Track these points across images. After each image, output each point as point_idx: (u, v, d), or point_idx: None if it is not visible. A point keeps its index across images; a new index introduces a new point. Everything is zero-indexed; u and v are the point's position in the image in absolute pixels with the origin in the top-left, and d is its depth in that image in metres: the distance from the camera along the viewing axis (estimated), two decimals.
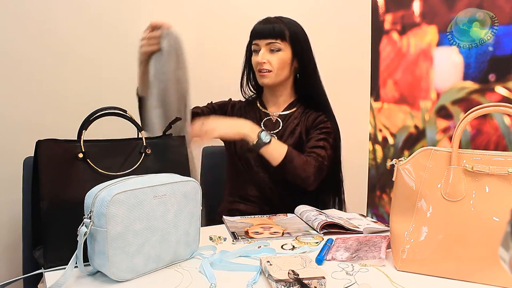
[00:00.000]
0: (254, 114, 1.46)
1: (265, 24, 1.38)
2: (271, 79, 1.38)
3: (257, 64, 1.38)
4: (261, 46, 1.37)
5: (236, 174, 1.44)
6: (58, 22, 1.54)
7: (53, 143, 0.86)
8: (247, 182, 1.41)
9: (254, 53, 1.40)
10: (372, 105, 1.65)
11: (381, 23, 1.49)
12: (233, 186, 1.46)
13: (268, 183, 1.38)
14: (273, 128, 1.43)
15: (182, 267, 0.88)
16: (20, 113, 1.50)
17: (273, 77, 1.38)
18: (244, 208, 1.38)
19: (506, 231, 0.38)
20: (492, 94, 1.30)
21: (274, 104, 1.47)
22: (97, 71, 1.62)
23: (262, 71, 1.37)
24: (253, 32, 1.40)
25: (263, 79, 1.39)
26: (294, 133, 1.40)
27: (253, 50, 1.40)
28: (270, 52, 1.36)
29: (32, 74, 1.51)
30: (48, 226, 0.84)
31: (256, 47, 1.39)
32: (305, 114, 1.43)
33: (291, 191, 1.38)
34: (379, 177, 1.47)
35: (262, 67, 1.37)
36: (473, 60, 1.32)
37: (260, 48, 1.37)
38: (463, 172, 0.85)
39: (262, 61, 1.36)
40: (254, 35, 1.40)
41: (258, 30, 1.39)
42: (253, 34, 1.40)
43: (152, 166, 0.98)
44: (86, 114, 0.91)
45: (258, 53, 1.37)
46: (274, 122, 1.44)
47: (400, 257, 0.87)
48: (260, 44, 1.37)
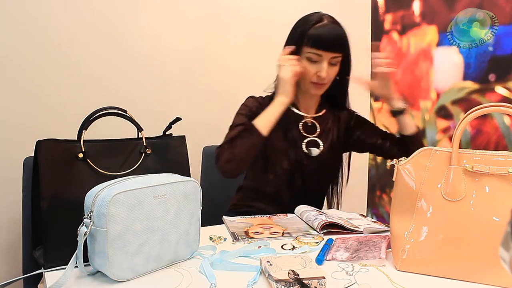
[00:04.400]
0: (287, 116, 1.33)
1: (332, 33, 1.26)
2: (323, 90, 1.33)
3: (315, 77, 1.28)
4: (323, 58, 1.26)
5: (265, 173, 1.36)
6: (57, 23, 1.54)
7: (53, 143, 0.86)
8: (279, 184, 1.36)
9: (309, 61, 1.27)
10: (372, 105, 1.65)
11: (381, 23, 1.49)
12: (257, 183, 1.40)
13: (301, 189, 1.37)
14: (311, 132, 1.38)
15: (182, 267, 0.88)
16: (20, 113, 1.50)
17: (325, 88, 1.32)
18: (263, 207, 1.36)
19: (506, 231, 0.38)
20: (492, 94, 1.30)
21: (307, 106, 1.41)
22: (97, 71, 1.62)
23: (318, 83, 1.29)
24: (318, 40, 1.25)
25: (317, 91, 1.32)
26: (329, 136, 1.39)
27: (310, 58, 1.26)
28: (330, 65, 1.27)
29: (32, 74, 1.51)
30: (48, 226, 0.84)
31: (316, 58, 1.26)
32: (333, 114, 1.42)
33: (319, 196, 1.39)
34: (379, 177, 1.47)
35: (321, 81, 1.28)
36: (473, 60, 1.32)
37: (321, 60, 1.26)
38: (463, 172, 0.85)
39: (324, 76, 1.27)
40: (319, 44, 1.25)
41: (327, 40, 1.25)
42: (317, 42, 1.25)
43: (152, 166, 0.98)
44: (86, 114, 0.92)
45: (316, 63, 1.26)
46: (310, 125, 1.39)
47: (400, 257, 0.87)
48: (323, 56, 1.25)
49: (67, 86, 1.57)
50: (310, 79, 1.29)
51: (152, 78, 1.72)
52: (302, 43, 1.27)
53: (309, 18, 1.30)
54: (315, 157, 1.35)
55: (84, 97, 1.58)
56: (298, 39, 1.28)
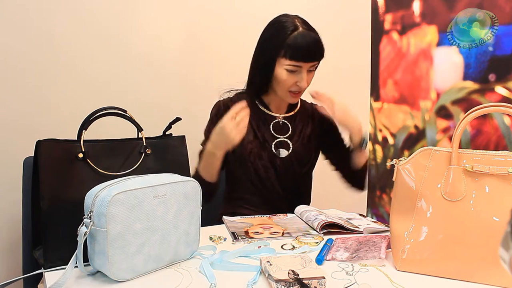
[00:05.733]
0: (257, 116, 1.35)
1: (310, 42, 1.22)
2: (300, 97, 1.34)
3: (294, 86, 1.27)
4: (303, 68, 1.24)
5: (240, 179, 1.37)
6: (57, 23, 1.54)
7: (53, 143, 0.86)
8: (252, 188, 1.36)
9: (288, 72, 1.24)
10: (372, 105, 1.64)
11: (381, 23, 1.49)
12: (236, 191, 1.40)
13: (278, 190, 1.36)
14: (282, 133, 1.37)
15: (182, 267, 0.88)
16: (20, 113, 1.50)
17: (301, 95, 1.33)
18: (248, 213, 1.35)
19: (506, 231, 0.38)
20: (492, 94, 1.30)
21: (278, 106, 1.39)
22: (97, 71, 1.61)
23: (296, 92, 1.28)
24: (297, 52, 1.21)
25: (294, 100, 1.32)
26: (301, 134, 1.38)
27: (289, 70, 1.24)
28: (308, 73, 1.26)
29: (32, 74, 1.51)
30: (48, 226, 0.84)
31: (296, 69, 1.24)
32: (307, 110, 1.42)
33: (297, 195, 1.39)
34: (379, 177, 1.47)
35: (299, 90, 1.28)
36: (473, 60, 1.32)
37: (300, 70, 1.24)
38: (463, 172, 0.85)
39: (304, 86, 1.26)
40: (299, 57, 1.22)
41: (306, 51, 1.22)
42: (296, 54, 1.22)
43: (152, 166, 0.98)
44: (86, 114, 0.92)
45: (295, 73, 1.24)
46: (281, 125, 1.38)
47: (400, 257, 0.87)
48: (303, 67, 1.24)
49: (67, 86, 1.57)
50: (288, 88, 1.28)
51: (152, 78, 1.72)
52: (278, 55, 1.24)
53: (283, 26, 1.25)
54: (286, 157, 1.35)
55: (84, 97, 1.58)
56: (275, 51, 1.24)
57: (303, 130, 1.39)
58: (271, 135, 1.36)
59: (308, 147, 1.39)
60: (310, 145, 1.40)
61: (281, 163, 1.35)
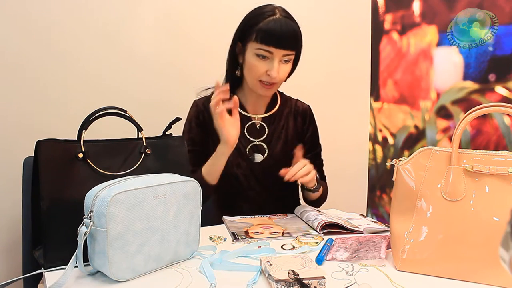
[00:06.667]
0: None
1: (284, 28, 1.14)
2: (273, 91, 1.23)
3: (264, 75, 1.18)
4: (274, 56, 1.15)
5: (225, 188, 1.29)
6: (57, 23, 1.54)
7: (53, 143, 0.86)
8: (237, 195, 1.31)
9: (258, 58, 1.16)
10: (372, 105, 1.65)
11: (381, 23, 1.49)
12: (222, 199, 1.35)
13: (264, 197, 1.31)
14: (258, 135, 1.29)
15: (182, 267, 0.88)
16: (20, 113, 1.50)
17: (275, 88, 1.23)
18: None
19: (506, 231, 0.38)
20: (492, 94, 1.30)
21: (255, 105, 1.31)
22: (97, 71, 1.61)
23: (268, 82, 1.19)
24: (268, 35, 1.13)
25: (266, 92, 1.22)
26: (281, 135, 1.31)
27: (259, 55, 1.16)
28: (281, 63, 1.17)
29: (32, 74, 1.51)
30: (48, 226, 0.84)
31: (266, 54, 1.15)
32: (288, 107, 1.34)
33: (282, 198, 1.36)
34: (379, 177, 1.47)
35: (271, 81, 1.18)
36: (473, 60, 1.32)
37: (272, 57, 1.16)
38: (463, 172, 0.85)
39: (274, 76, 1.16)
40: (269, 40, 1.13)
41: (278, 36, 1.13)
42: (267, 37, 1.14)
43: (152, 166, 0.98)
44: (86, 114, 0.92)
45: (267, 61, 1.16)
46: (258, 127, 1.29)
47: (400, 257, 0.87)
48: (274, 53, 1.15)
49: (67, 86, 1.57)
50: (258, 77, 1.18)
51: (152, 78, 1.72)
52: (250, 38, 1.17)
53: (261, 10, 1.18)
54: (264, 162, 1.28)
55: (84, 97, 1.58)
56: (247, 33, 1.18)
57: (283, 130, 1.31)
58: (246, 139, 1.29)
59: (289, 148, 1.30)
60: (292, 146, 1.30)
61: (260, 169, 1.29)
